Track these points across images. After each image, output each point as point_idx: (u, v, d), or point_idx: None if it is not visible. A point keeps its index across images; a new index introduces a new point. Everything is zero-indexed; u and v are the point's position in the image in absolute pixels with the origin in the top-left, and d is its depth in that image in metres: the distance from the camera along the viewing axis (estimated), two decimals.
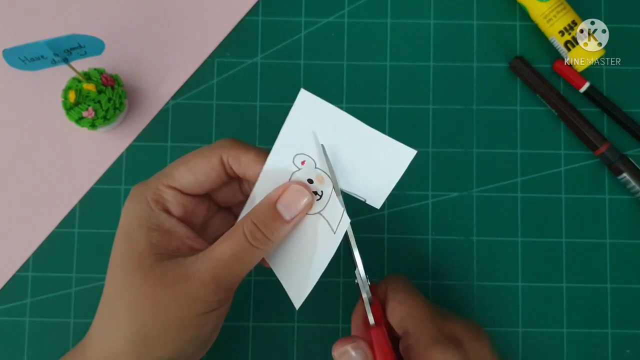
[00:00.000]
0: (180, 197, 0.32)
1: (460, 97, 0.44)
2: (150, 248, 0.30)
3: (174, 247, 0.31)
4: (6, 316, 0.42)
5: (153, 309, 0.29)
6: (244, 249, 0.30)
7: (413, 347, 0.32)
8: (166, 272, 0.30)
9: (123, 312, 0.30)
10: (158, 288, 0.29)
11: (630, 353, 0.41)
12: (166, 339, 0.30)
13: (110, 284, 0.31)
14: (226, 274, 0.30)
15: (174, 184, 0.32)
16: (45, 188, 0.43)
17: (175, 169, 0.32)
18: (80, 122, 0.40)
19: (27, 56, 0.36)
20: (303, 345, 0.41)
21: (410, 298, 0.33)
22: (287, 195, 0.31)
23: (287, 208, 0.31)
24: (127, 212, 0.32)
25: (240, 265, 0.30)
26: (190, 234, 0.32)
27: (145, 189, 0.32)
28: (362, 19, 0.44)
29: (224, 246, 0.30)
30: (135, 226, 0.31)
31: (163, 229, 0.31)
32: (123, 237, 0.31)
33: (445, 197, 0.43)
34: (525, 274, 0.42)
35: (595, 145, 0.42)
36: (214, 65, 0.44)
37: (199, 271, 0.29)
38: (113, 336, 0.30)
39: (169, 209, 0.32)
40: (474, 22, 0.44)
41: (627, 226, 0.42)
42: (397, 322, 0.33)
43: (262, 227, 0.30)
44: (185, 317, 0.30)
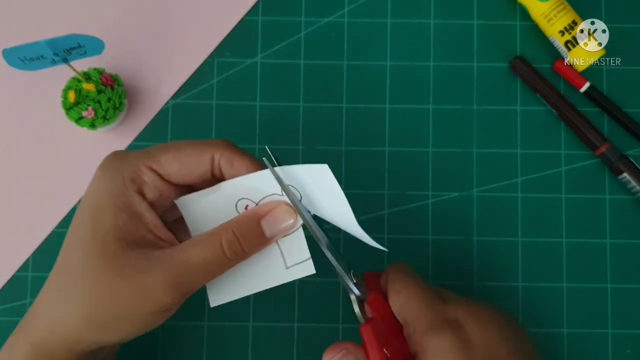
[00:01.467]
0: (158, 181, 0.31)
1: (460, 97, 0.44)
2: (116, 231, 0.29)
3: (139, 234, 0.30)
4: (6, 316, 0.42)
5: (106, 299, 0.29)
6: (217, 258, 0.29)
7: (411, 336, 0.31)
8: (128, 263, 0.29)
9: (75, 295, 0.29)
10: (117, 278, 0.28)
11: (631, 353, 0.41)
12: (116, 328, 0.29)
13: (66, 260, 0.30)
14: (189, 279, 0.29)
15: (157, 168, 0.31)
16: (45, 188, 0.43)
17: (162, 153, 0.31)
18: (80, 122, 0.40)
19: (27, 56, 0.36)
20: (303, 345, 0.41)
21: (407, 286, 0.32)
22: (275, 214, 0.31)
23: (271, 226, 0.30)
24: (99, 184, 0.30)
25: (207, 273, 0.30)
26: (157, 223, 0.31)
27: (124, 165, 0.31)
28: (362, 19, 0.44)
29: (195, 251, 0.29)
30: (105, 202, 0.30)
31: (132, 211, 0.30)
32: (89, 212, 0.30)
33: (445, 197, 0.43)
34: (525, 274, 0.42)
35: (595, 145, 0.42)
36: (214, 65, 0.44)
37: (161, 269, 0.28)
38: (62, 316, 0.30)
39: (144, 191, 0.31)
40: (474, 22, 0.44)
41: (627, 226, 0.42)
42: (398, 312, 0.32)
43: (242, 239, 0.30)
44: (138, 313, 0.29)
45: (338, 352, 0.31)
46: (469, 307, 0.32)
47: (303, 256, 0.32)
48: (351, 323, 0.42)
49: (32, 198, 0.43)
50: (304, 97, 0.44)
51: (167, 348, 0.41)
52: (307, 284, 0.42)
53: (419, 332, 0.31)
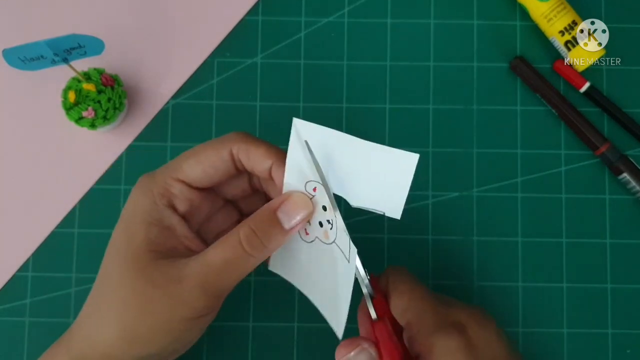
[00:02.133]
0: (187, 191, 0.32)
1: (460, 97, 0.44)
2: (148, 244, 0.30)
3: (170, 246, 0.31)
4: (6, 316, 0.42)
5: (142, 309, 0.29)
6: (237, 255, 0.29)
7: (415, 338, 0.31)
8: (159, 271, 0.29)
9: (113, 308, 0.30)
10: (149, 287, 0.29)
11: (631, 353, 0.41)
12: (152, 339, 0.30)
13: (104, 275, 0.31)
14: (216, 281, 0.29)
15: (183, 177, 0.32)
16: (45, 188, 0.43)
17: (184, 161, 0.32)
18: (80, 122, 0.40)
19: (27, 56, 0.36)
20: (303, 345, 0.41)
21: (410, 289, 0.33)
22: (288, 203, 0.31)
23: (287, 216, 0.30)
24: (131, 203, 0.32)
25: (231, 272, 0.30)
26: (188, 234, 0.32)
27: (153, 181, 0.32)
28: (362, 19, 0.44)
29: (216, 252, 0.29)
30: (137, 219, 0.31)
31: (163, 225, 0.31)
32: (123, 228, 0.31)
33: (445, 197, 0.43)
34: (525, 274, 0.42)
35: (595, 145, 0.42)
36: (214, 65, 0.44)
37: (189, 275, 0.29)
38: (100, 330, 0.30)
39: (175, 204, 0.32)
40: (474, 22, 0.44)
41: (627, 226, 0.42)
42: (399, 314, 0.33)
43: (259, 233, 0.30)
44: (172, 320, 0.29)
45: (353, 348, 0.31)
46: (467, 311, 0.32)
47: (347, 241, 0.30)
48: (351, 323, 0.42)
49: (32, 198, 0.43)
50: (304, 97, 0.44)
51: None
52: None
53: (424, 333, 0.31)
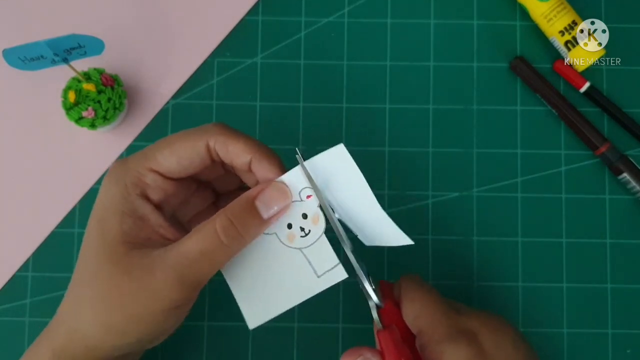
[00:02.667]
0: (161, 180, 0.31)
1: (460, 97, 0.44)
2: (122, 235, 0.30)
3: (145, 236, 0.30)
4: (6, 316, 0.42)
5: (118, 301, 0.29)
6: (214, 246, 0.29)
7: (427, 346, 0.31)
8: (133, 263, 0.29)
9: (90, 300, 0.30)
10: (124, 279, 0.29)
11: (631, 353, 0.41)
12: (128, 329, 0.30)
13: (80, 268, 0.31)
14: (191, 272, 0.29)
15: (156, 167, 0.31)
16: (45, 188, 0.43)
17: (158, 151, 0.31)
18: (80, 122, 0.40)
19: (27, 56, 0.36)
20: (303, 345, 0.41)
21: (421, 296, 0.33)
22: (267, 192, 0.30)
23: (266, 205, 0.30)
24: (103, 193, 0.31)
25: (207, 264, 0.29)
26: (162, 223, 0.31)
27: (125, 171, 0.31)
28: (362, 19, 0.44)
29: (192, 242, 0.29)
30: (110, 210, 0.30)
31: (137, 215, 0.30)
32: (97, 220, 0.31)
33: (445, 197, 0.43)
34: (525, 274, 0.42)
35: (595, 145, 0.42)
36: (214, 65, 0.44)
37: (164, 266, 0.29)
38: (79, 322, 0.30)
39: (148, 193, 0.31)
40: (474, 22, 0.44)
41: (627, 226, 0.42)
42: (411, 322, 0.32)
43: (236, 222, 0.29)
44: (147, 312, 0.29)
45: (356, 357, 0.31)
46: (481, 318, 0.32)
47: (332, 262, 0.31)
48: (351, 323, 0.42)
49: (32, 198, 0.43)
50: (304, 97, 0.44)
51: (168, 348, 0.41)
52: None
53: (435, 341, 0.31)
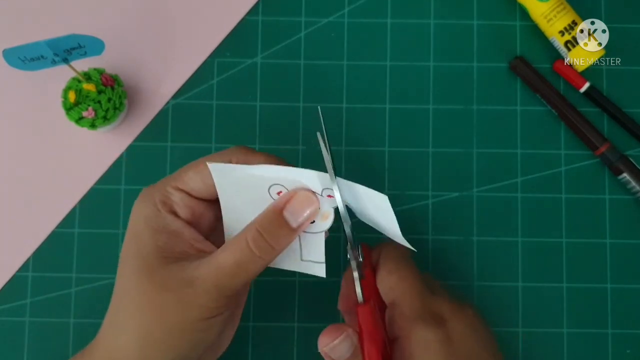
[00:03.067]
0: (188, 199, 0.32)
1: (460, 97, 0.44)
2: (157, 250, 0.30)
3: (180, 250, 0.31)
4: (6, 316, 0.42)
5: (157, 313, 0.29)
6: (247, 258, 0.30)
7: (396, 320, 0.32)
8: (170, 276, 0.30)
9: (129, 315, 0.30)
10: (162, 292, 0.29)
11: (631, 353, 0.41)
12: (170, 343, 0.30)
13: (119, 285, 0.32)
14: (228, 283, 0.30)
15: (182, 186, 0.32)
16: (45, 188, 0.43)
17: (184, 172, 0.32)
18: (80, 122, 0.40)
19: (27, 56, 0.36)
20: (303, 345, 0.41)
21: (400, 268, 0.33)
22: (295, 202, 0.30)
23: (294, 215, 0.30)
24: (135, 213, 0.32)
25: (242, 274, 0.30)
26: (197, 237, 0.32)
27: (153, 191, 0.32)
28: (362, 19, 0.44)
29: (226, 254, 0.30)
30: (142, 228, 0.31)
31: (169, 230, 0.31)
32: (131, 238, 0.32)
33: (445, 197, 0.43)
34: (525, 274, 0.42)
35: (595, 145, 0.42)
36: (214, 65, 0.44)
37: (200, 277, 0.29)
38: (119, 338, 0.31)
39: (176, 211, 0.32)
40: (474, 22, 0.44)
41: (627, 226, 0.42)
42: (385, 292, 0.33)
43: (267, 235, 0.30)
44: (187, 322, 0.30)
45: (337, 335, 0.31)
46: (453, 305, 0.33)
47: (319, 258, 0.32)
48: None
49: (32, 198, 0.43)
50: (304, 97, 0.44)
51: None
52: (307, 284, 0.42)
53: (405, 318, 0.31)
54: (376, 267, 0.34)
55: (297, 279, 0.42)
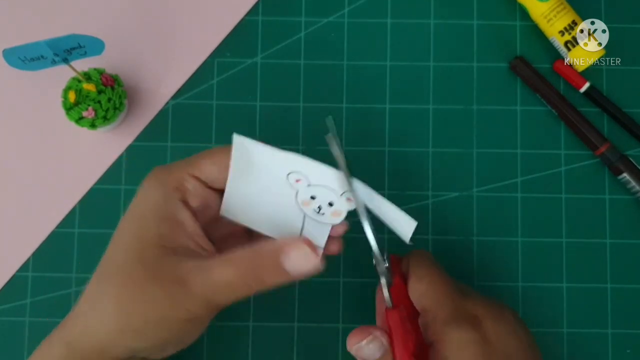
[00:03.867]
0: (201, 188, 0.32)
1: (460, 97, 0.44)
2: (158, 238, 0.30)
3: (180, 242, 0.31)
4: (6, 316, 0.42)
5: (142, 304, 0.29)
6: (240, 282, 0.30)
7: (430, 325, 0.31)
8: (164, 269, 0.29)
9: (112, 299, 0.30)
10: (153, 284, 0.29)
11: (631, 353, 0.41)
12: (147, 334, 0.30)
13: (107, 264, 0.31)
14: (216, 299, 0.30)
15: (199, 174, 0.32)
16: (45, 188, 0.43)
17: (201, 159, 0.32)
18: (80, 122, 0.40)
19: (27, 56, 0.36)
20: (303, 345, 0.41)
21: (429, 274, 0.33)
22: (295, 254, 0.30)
23: (292, 266, 0.30)
24: (144, 195, 0.32)
25: (232, 295, 0.30)
26: (199, 232, 0.32)
27: (168, 174, 0.32)
28: (362, 19, 0.44)
29: (221, 272, 0.29)
30: (149, 212, 0.31)
31: (175, 219, 0.31)
32: (133, 220, 0.31)
33: (445, 197, 0.43)
34: (525, 274, 0.42)
35: (595, 145, 0.42)
36: (214, 65, 0.44)
37: (193, 284, 0.29)
38: (96, 318, 0.30)
39: (188, 199, 0.32)
40: (474, 22, 0.44)
41: (627, 226, 0.42)
42: (417, 299, 0.33)
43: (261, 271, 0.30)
44: (170, 319, 0.29)
45: (365, 336, 0.31)
46: (486, 305, 0.32)
47: (319, 243, 0.32)
48: (351, 323, 0.42)
49: (32, 198, 0.43)
50: (304, 97, 0.44)
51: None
52: (307, 284, 0.42)
53: (439, 321, 0.31)
54: (407, 276, 0.34)
55: None
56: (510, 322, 0.32)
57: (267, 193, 0.32)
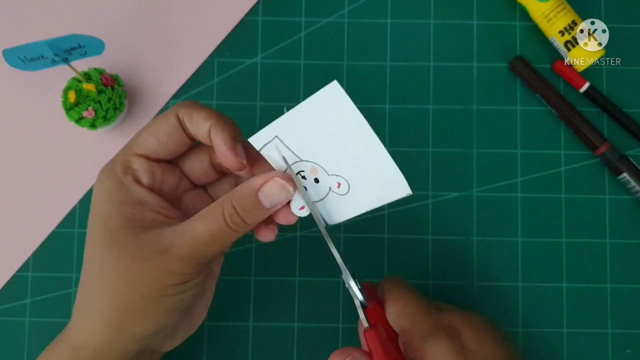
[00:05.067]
0: (147, 164, 0.32)
1: (460, 97, 0.44)
2: (124, 222, 0.30)
3: (149, 218, 0.31)
4: (6, 316, 0.42)
5: (130, 284, 0.29)
6: (222, 230, 0.30)
7: (409, 343, 0.32)
8: (143, 245, 0.30)
9: (101, 290, 0.30)
10: (134, 262, 0.29)
11: (630, 353, 0.41)
12: (146, 311, 0.30)
13: (87, 262, 0.31)
14: (202, 251, 0.30)
15: (140, 151, 0.32)
16: (45, 188, 0.43)
17: (138, 136, 0.32)
18: (80, 122, 0.40)
19: (27, 56, 0.36)
20: (303, 345, 0.41)
21: (403, 295, 0.33)
22: (270, 187, 0.30)
23: (268, 199, 0.30)
24: (97, 191, 0.32)
25: (216, 244, 0.30)
26: (163, 204, 0.32)
27: (112, 164, 0.32)
28: (362, 19, 0.44)
29: (201, 225, 0.30)
30: (107, 201, 0.31)
31: (135, 200, 0.31)
32: (95, 214, 0.31)
33: (445, 197, 0.43)
34: (525, 273, 0.42)
35: (595, 145, 0.42)
36: (214, 65, 0.44)
37: (175, 246, 0.29)
38: (93, 315, 0.30)
39: (139, 177, 0.32)
40: (474, 22, 0.44)
41: (627, 226, 0.42)
42: (394, 321, 0.33)
43: (241, 212, 0.30)
44: (162, 288, 0.30)
45: (344, 358, 0.32)
46: (463, 316, 0.33)
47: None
48: (351, 323, 0.42)
49: (32, 198, 0.43)
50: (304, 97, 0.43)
51: None
52: (307, 284, 0.42)
53: (417, 338, 0.31)
54: (383, 300, 0.34)
55: (297, 279, 0.42)
56: (489, 331, 0.32)
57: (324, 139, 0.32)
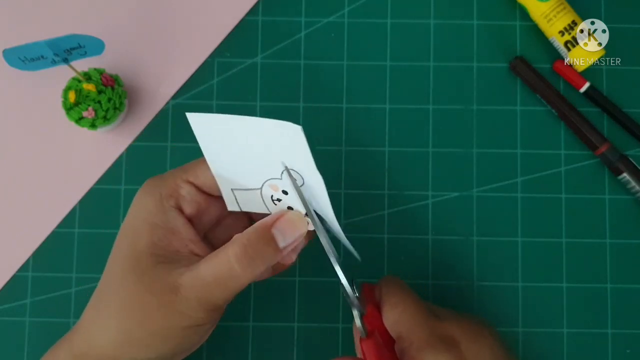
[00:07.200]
0: (196, 194, 0.32)
1: (460, 97, 0.44)
2: (150, 247, 0.30)
3: (173, 249, 0.31)
4: (6, 316, 0.42)
5: (140, 314, 0.29)
6: (227, 274, 0.29)
7: (406, 352, 0.31)
8: (157, 278, 0.29)
9: (112, 311, 0.30)
10: (147, 294, 0.29)
11: (630, 353, 0.41)
12: (149, 344, 0.30)
13: (106, 277, 0.31)
14: (208, 296, 0.29)
15: (193, 179, 0.32)
16: (45, 188, 0.43)
17: (196, 165, 0.32)
18: (80, 122, 0.40)
19: (27, 56, 0.36)
20: (303, 345, 0.41)
21: (402, 300, 0.32)
22: (284, 222, 0.30)
23: (282, 234, 0.30)
24: (137, 205, 0.31)
25: (223, 289, 0.29)
26: (194, 237, 0.31)
27: (161, 183, 0.31)
28: (362, 19, 0.44)
29: (206, 267, 0.29)
30: (142, 220, 0.31)
31: (168, 227, 0.31)
32: (127, 230, 0.31)
33: (445, 197, 0.43)
34: (525, 274, 0.42)
35: (595, 145, 0.42)
36: (214, 65, 0.44)
37: (184, 287, 0.29)
38: (99, 331, 0.30)
39: (182, 206, 0.32)
40: (474, 22, 0.44)
41: (627, 226, 0.42)
42: (391, 326, 0.32)
43: (251, 250, 0.29)
44: (169, 327, 0.29)
45: None
46: (463, 325, 0.32)
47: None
48: (351, 323, 0.42)
49: (32, 198, 0.43)
50: (304, 97, 0.44)
51: None
52: (307, 284, 0.42)
53: (415, 347, 0.31)
54: (380, 303, 0.33)
55: (297, 279, 0.42)
56: (488, 342, 0.32)
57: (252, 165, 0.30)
